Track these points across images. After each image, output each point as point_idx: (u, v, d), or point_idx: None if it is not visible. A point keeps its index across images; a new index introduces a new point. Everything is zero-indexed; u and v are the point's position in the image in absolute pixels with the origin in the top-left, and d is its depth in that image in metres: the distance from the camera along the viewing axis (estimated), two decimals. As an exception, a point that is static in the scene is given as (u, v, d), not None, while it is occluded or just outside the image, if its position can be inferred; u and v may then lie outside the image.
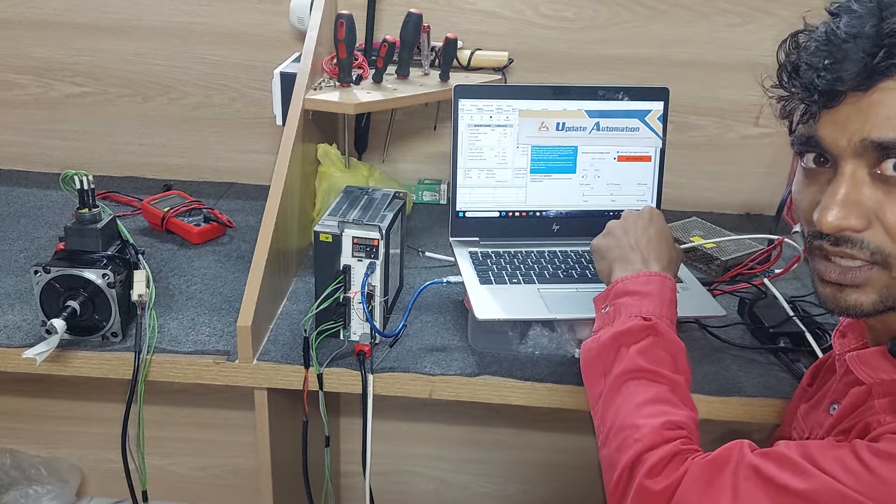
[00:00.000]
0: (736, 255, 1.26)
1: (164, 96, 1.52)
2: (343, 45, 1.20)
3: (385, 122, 1.50)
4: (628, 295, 0.84)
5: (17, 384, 1.67)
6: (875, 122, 0.61)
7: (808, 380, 0.89)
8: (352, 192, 1.11)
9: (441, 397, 0.99)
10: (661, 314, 0.81)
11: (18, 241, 1.27)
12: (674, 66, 1.44)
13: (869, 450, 0.60)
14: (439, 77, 1.34)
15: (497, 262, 1.08)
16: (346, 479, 1.70)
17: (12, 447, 1.72)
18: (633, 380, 0.77)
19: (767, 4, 1.39)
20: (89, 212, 0.99)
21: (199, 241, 1.29)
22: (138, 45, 1.48)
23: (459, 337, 1.05)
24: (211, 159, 1.56)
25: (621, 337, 0.80)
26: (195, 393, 1.65)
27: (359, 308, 0.99)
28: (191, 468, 1.76)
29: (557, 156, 1.13)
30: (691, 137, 1.49)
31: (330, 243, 0.98)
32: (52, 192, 1.46)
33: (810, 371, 0.90)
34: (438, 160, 1.52)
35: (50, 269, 0.95)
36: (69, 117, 1.54)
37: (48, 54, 1.50)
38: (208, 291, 1.14)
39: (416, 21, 1.26)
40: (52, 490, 1.67)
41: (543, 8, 1.41)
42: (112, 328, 0.99)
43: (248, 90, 1.50)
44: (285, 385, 1.00)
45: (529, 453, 1.70)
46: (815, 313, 1.09)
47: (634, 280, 0.85)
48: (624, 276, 0.86)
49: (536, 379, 0.98)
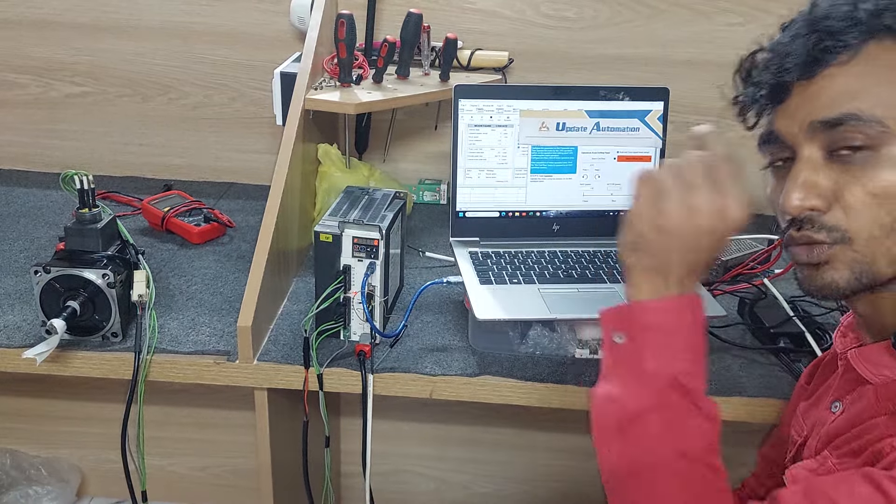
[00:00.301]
0: (736, 255, 1.26)
1: (164, 96, 1.52)
2: (343, 45, 1.20)
3: (385, 121, 1.49)
4: (651, 331, 0.66)
5: (17, 384, 1.67)
6: (820, 104, 0.65)
7: (806, 378, 0.89)
8: (352, 192, 1.11)
9: (441, 397, 0.99)
10: (696, 371, 0.66)
11: (18, 241, 1.27)
12: (674, 65, 1.43)
13: (890, 479, 0.57)
14: (439, 77, 1.34)
15: (497, 263, 1.08)
16: (346, 479, 1.70)
17: (12, 447, 1.72)
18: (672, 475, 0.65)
19: (768, 4, 1.39)
20: (89, 212, 0.99)
21: (199, 241, 1.29)
22: (138, 45, 1.48)
23: (460, 337, 1.05)
24: (211, 159, 1.56)
25: (649, 412, 0.65)
26: (195, 393, 1.65)
27: (359, 308, 0.99)
28: (191, 468, 1.76)
29: (558, 156, 1.13)
30: (691, 137, 1.49)
31: (330, 243, 0.98)
32: (52, 192, 1.45)
33: (808, 369, 0.90)
34: (439, 160, 1.52)
35: (50, 269, 0.95)
36: (69, 117, 1.54)
37: (48, 54, 1.49)
38: (208, 291, 1.14)
39: (417, 21, 1.26)
40: (52, 490, 1.67)
41: (544, 7, 1.41)
42: (112, 328, 0.99)
43: (248, 90, 1.50)
44: (285, 385, 0.99)
45: (529, 453, 1.70)
46: (815, 313, 1.08)
47: (660, 308, 0.67)
48: (645, 302, 0.67)
49: (537, 379, 0.98)
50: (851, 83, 0.64)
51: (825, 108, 0.65)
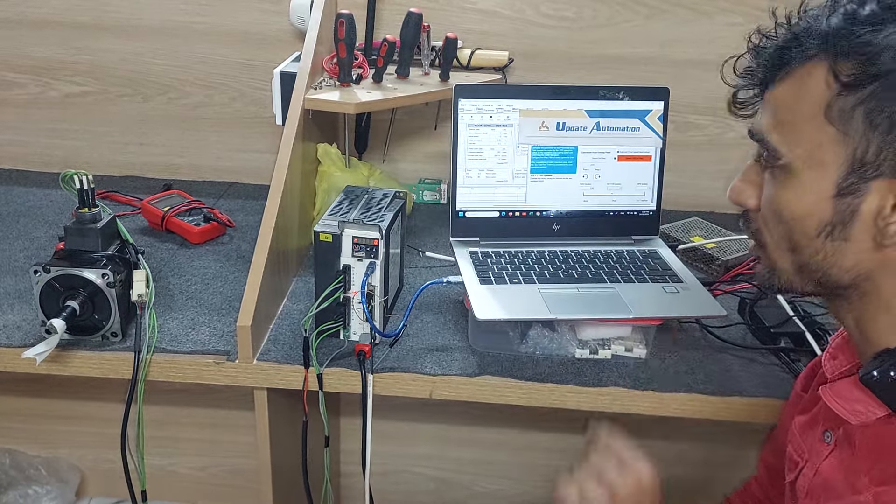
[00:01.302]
0: (736, 255, 1.26)
1: (164, 96, 1.52)
2: (343, 45, 1.20)
3: (385, 121, 1.49)
4: None
5: (17, 384, 1.67)
6: (760, 115, 0.70)
7: (801, 384, 0.87)
8: (352, 191, 1.11)
9: (441, 397, 0.99)
10: None
11: (18, 240, 1.27)
12: (674, 65, 1.43)
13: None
14: (439, 77, 1.34)
15: (497, 262, 1.08)
16: (346, 479, 1.70)
17: (12, 447, 1.71)
18: None
19: (769, 4, 1.38)
20: (89, 211, 0.99)
21: (199, 241, 1.29)
22: (138, 45, 1.48)
23: (460, 337, 1.05)
24: (211, 159, 1.56)
25: None
26: (195, 393, 1.65)
27: (359, 308, 0.99)
28: (191, 468, 1.76)
29: (558, 155, 1.13)
30: (692, 137, 1.49)
31: (330, 243, 0.97)
32: (52, 192, 1.45)
33: (804, 373, 0.88)
34: (439, 160, 1.52)
35: (50, 268, 0.95)
36: (69, 117, 1.54)
37: (48, 54, 1.49)
38: (208, 291, 1.14)
39: (417, 20, 1.26)
40: (51, 490, 1.67)
41: (544, 7, 1.41)
42: (112, 328, 0.99)
43: (248, 90, 1.50)
44: (285, 385, 0.99)
45: (529, 453, 1.70)
46: (815, 313, 1.08)
47: None
48: None
49: (537, 379, 0.98)
50: (776, 106, 0.67)
51: (756, 121, 0.70)
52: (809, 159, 0.63)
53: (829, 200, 0.63)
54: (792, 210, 0.65)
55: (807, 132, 0.63)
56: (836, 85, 0.61)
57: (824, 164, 0.62)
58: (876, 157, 0.59)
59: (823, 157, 0.62)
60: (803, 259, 0.67)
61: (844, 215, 0.62)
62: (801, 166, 0.64)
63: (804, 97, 0.63)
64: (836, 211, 0.63)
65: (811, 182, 0.63)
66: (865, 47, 0.59)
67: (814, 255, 0.65)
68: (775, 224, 0.68)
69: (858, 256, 0.63)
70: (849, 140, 0.61)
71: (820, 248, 0.65)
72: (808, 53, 0.63)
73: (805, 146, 0.63)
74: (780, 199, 0.66)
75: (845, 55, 0.60)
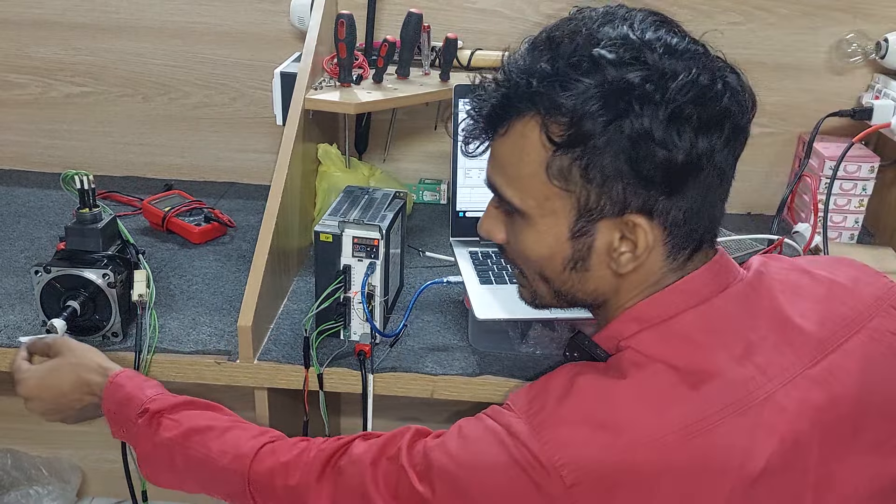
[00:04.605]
0: (737, 255, 1.26)
1: (164, 96, 1.52)
2: (343, 45, 1.20)
3: (386, 121, 1.49)
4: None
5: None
6: (489, 162, 0.75)
7: None
8: (352, 191, 1.11)
9: (442, 397, 0.99)
10: None
11: (19, 241, 1.27)
12: (674, 65, 1.43)
13: None
14: (440, 77, 1.34)
15: (497, 262, 1.08)
16: (347, 478, 1.70)
17: (13, 447, 1.71)
18: None
19: (769, 3, 1.39)
20: (90, 212, 0.99)
21: (199, 241, 1.29)
22: (138, 45, 1.48)
23: (460, 337, 1.05)
24: (211, 159, 1.56)
25: None
26: (195, 393, 1.64)
27: (359, 308, 0.99)
28: (191, 468, 1.76)
29: (558, 155, 1.13)
30: (692, 137, 1.48)
31: (330, 243, 0.98)
32: (53, 192, 1.46)
33: None
34: (439, 160, 1.52)
35: (50, 268, 0.95)
36: (69, 117, 1.54)
37: (48, 54, 1.49)
38: (209, 291, 1.14)
39: (417, 21, 1.26)
40: (53, 490, 1.67)
41: (544, 7, 1.41)
42: (112, 328, 0.99)
43: (248, 90, 1.50)
44: (286, 385, 1.00)
45: (530, 453, 1.70)
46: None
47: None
48: None
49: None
50: (502, 163, 0.73)
51: (489, 172, 0.75)
52: (541, 209, 0.71)
53: (567, 241, 0.71)
54: (536, 251, 0.74)
55: (534, 187, 0.70)
56: (551, 145, 0.67)
57: (555, 212, 0.70)
58: (598, 204, 0.68)
59: (553, 207, 0.70)
60: (556, 287, 0.76)
61: (582, 252, 0.72)
62: (535, 214, 0.72)
63: (525, 157, 0.70)
64: (575, 249, 0.72)
65: (548, 228, 0.72)
66: (565, 109, 0.66)
67: (564, 284, 0.75)
68: (524, 261, 0.77)
69: (598, 282, 0.74)
70: (571, 193, 0.69)
71: (567, 279, 0.74)
72: (521, 111, 0.69)
73: (535, 198, 0.71)
74: (523, 242, 0.74)
75: (551, 114, 0.67)
